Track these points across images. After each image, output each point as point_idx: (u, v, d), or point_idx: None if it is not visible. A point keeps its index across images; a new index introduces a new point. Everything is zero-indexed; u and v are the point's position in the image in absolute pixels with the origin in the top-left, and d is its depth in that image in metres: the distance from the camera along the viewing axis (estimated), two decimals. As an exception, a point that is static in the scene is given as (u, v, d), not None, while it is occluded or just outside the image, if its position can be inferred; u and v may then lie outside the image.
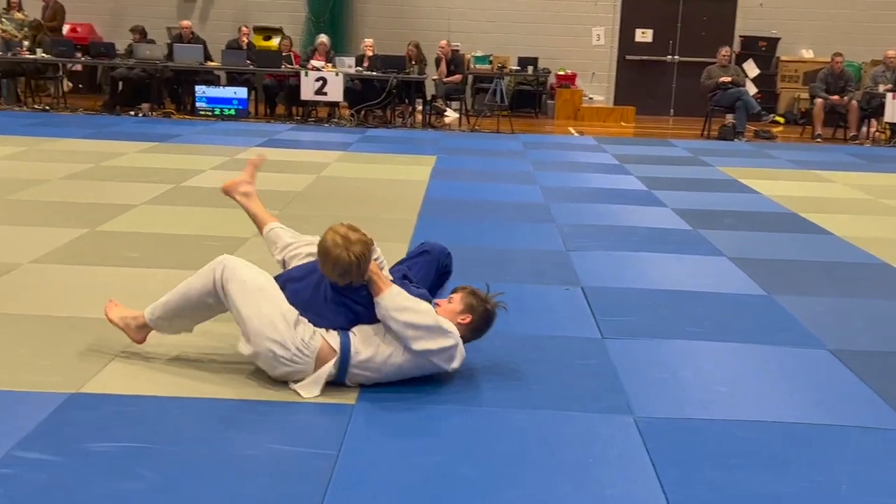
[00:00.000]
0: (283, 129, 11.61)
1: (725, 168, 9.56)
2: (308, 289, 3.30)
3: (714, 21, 15.58)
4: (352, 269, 3.18)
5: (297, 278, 3.37)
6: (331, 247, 3.18)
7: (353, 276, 3.21)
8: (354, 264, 3.17)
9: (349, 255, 3.16)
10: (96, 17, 15.14)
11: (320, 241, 3.24)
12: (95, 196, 6.68)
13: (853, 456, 2.91)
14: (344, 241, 3.18)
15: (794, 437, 3.03)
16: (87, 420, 2.93)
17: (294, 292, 3.29)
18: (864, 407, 3.32)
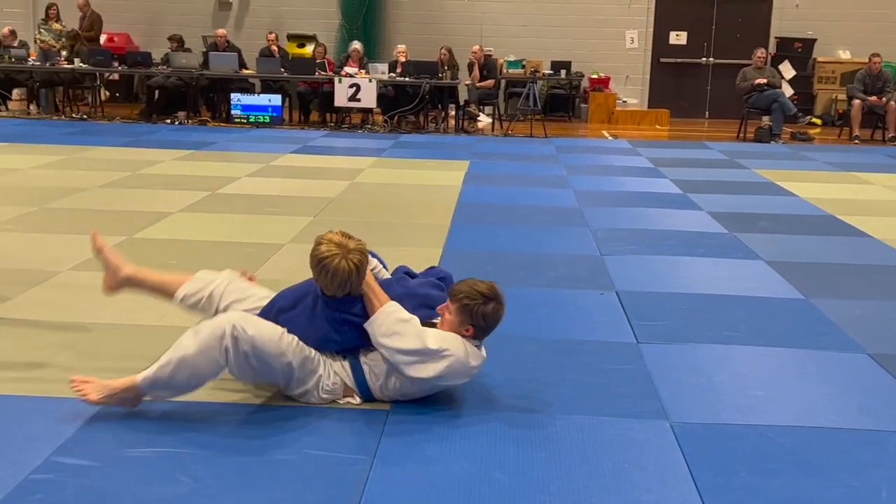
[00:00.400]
0: (317, 136, 11.68)
1: (762, 171, 9.47)
2: (304, 315, 3.15)
3: (749, 22, 15.44)
4: (351, 277, 3.07)
5: (287, 308, 3.19)
6: (328, 257, 3.06)
7: (353, 285, 3.09)
8: (353, 272, 3.06)
9: (348, 264, 3.05)
10: (133, 27, 15.34)
11: (314, 253, 3.10)
12: (133, 204, 6.76)
13: (893, 461, 2.86)
14: (341, 250, 3.06)
15: (833, 442, 3.00)
16: (125, 426, 2.96)
17: (289, 322, 3.12)
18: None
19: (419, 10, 15.34)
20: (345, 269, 3.05)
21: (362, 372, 3.13)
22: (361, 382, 3.13)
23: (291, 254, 5.37)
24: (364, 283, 3.11)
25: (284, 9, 15.37)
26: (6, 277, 4.66)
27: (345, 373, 3.14)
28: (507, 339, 3.90)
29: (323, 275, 3.09)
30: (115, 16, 14.91)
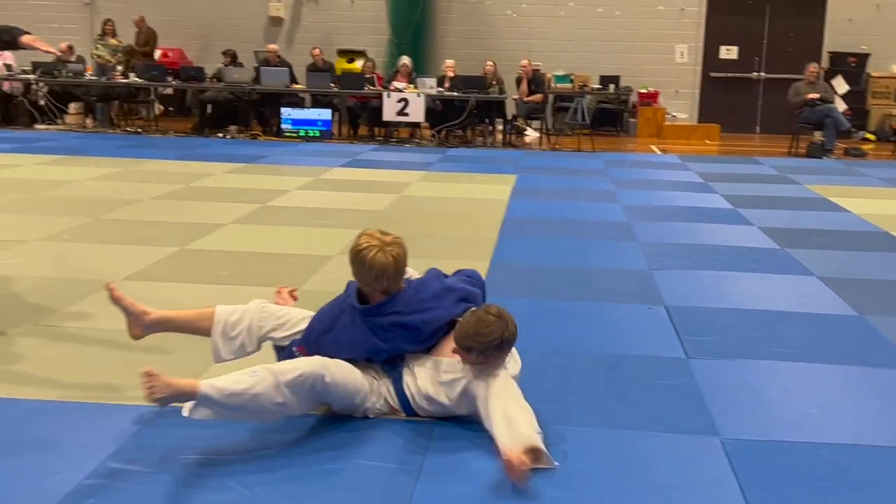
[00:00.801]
0: (366, 150, 11.77)
1: (814, 186, 9.34)
2: (346, 332, 3.13)
3: (801, 37, 15.26)
4: (388, 270, 3.07)
5: (326, 330, 3.16)
6: (365, 248, 3.08)
7: (389, 280, 3.10)
8: (391, 265, 3.07)
9: (386, 257, 3.06)
10: (187, 42, 15.61)
11: (353, 249, 3.12)
12: (185, 215, 6.87)
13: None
14: (380, 244, 3.09)
15: (887, 460, 2.94)
16: (177, 432, 3.00)
17: (333, 343, 3.11)
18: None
19: (467, 26, 15.41)
20: (382, 261, 3.06)
21: (405, 394, 3.12)
22: (405, 402, 3.13)
23: (340, 266, 5.39)
24: None
25: (335, 24, 15.54)
26: (61, 287, 4.76)
27: (390, 396, 3.14)
28: (555, 353, 3.89)
29: (360, 267, 3.10)
30: (170, 31, 15.19)
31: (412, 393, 3.11)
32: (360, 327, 3.12)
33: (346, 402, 3.07)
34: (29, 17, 15.06)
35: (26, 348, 3.83)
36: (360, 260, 3.09)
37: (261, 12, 15.69)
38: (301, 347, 3.17)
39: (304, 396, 2.93)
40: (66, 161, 9.70)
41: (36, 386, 3.40)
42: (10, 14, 14.35)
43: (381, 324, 3.11)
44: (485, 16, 15.41)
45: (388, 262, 3.07)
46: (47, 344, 3.89)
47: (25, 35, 3.75)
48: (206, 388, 2.83)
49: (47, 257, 5.45)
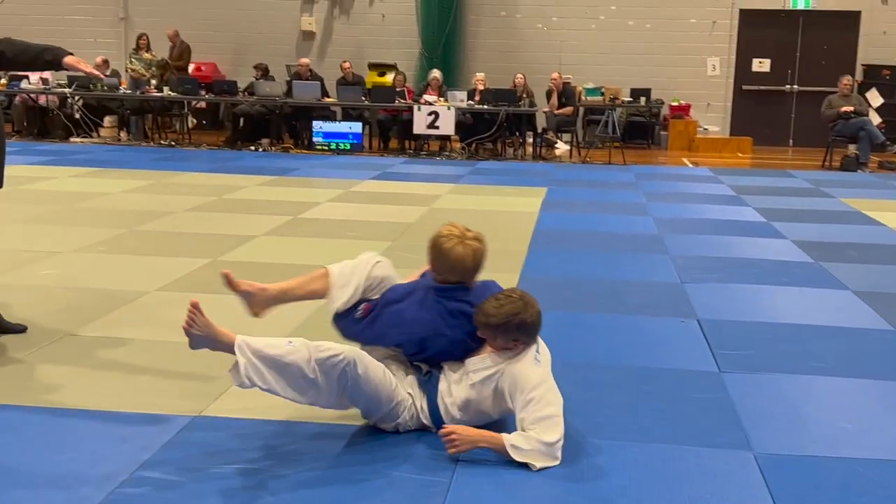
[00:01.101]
0: (396, 163, 11.81)
1: (848, 199, 9.24)
2: (412, 307, 3.15)
3: (835, 50, 15.13)
4: (465, 262, 3.12)
5: (395, 300, 3.20)
6: (444, 236, 3.16)
7: (465, 272, 3.15)
8: (468, 258, 3.13)
9: (464, 249, 3.12)
10: (220, 56, 15.77)
11: (433, 237, 3.19)
12: (218, 227, 6.92)
13: None
14: (460, 236, 3.15)
15: None
16: (209, 442, 3.02)
17: (396, 315, 3.14)
18: None
19: (498, 39, 15.44)
20: (459, 252, 3.12)
21: (438, 409, 3.11)
22: (437, 418, 3.11)
23: (371, 278, 5.42)
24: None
25: (366, 38, 15.63)
26: (97, 297, 4.81)
27: (423, 413, 3.12)
28: (587, 366, 3.88)
29: (437, 255, 3.16)
30: (204, 45, 15.34)
31: (447, 404, 3.09)
32: (428, 306, 3.15)
33: (372, 405, 3.04)
34: (65, 31, 15.33)
35: (61, 358, 3.87)
36: (438, 248, 3.16)
37: (293, 27, 15.83)
38: (367, 305, 3.18)
39: (333, 383, 2.92)
40: (101, 173, 9.82)
41: (70, 395, 3.44)
42: (46, 28, 14.63)
43: (450, 308, 3.14)
44: (515, 29, 15.44)
45: (465, 254, 3.13)
46: (82, 354, 3.92)
47: (69, 56, 3.82)
48: (241, 342, 2.92)
49: (82, 268, 5.52)
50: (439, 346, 3.15)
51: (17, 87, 13.43)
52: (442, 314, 3.14)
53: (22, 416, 3.22)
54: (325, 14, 15.85)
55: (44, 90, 13.30)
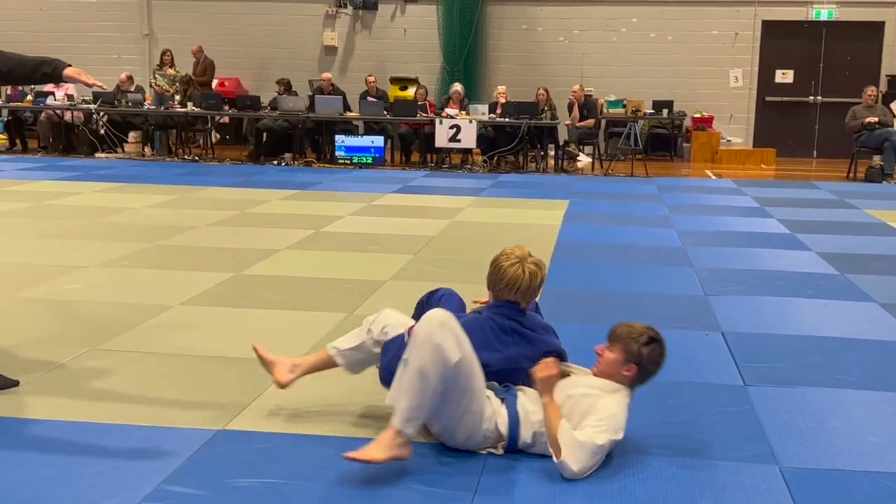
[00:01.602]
0: (418, 176, 11.83)
1: (873, 211, 9.16)
2: (467, 323, 3.13)
3: (859, 60, 15.04)
4: (521, 283, 3.21)
5: (450, 308, 3.26)
6: (504, 255, 3.27)
7: (519, 293, 3.23)
8: (525, 279, 3.21)
9: (522, 271, 3.22)
10: (243, 72, 15.89)
11: (495, 258, 3.30)
12: (241, 241, 6.96)
13: None
14: (520, 258, 3.25)
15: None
16: (232, 456, 3.03)
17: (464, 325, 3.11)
18: None
19: (519, 52, 15.47)
20: (516, 273, 3.22)
21: (518, 424, 3.06)
22: (513, 436, 3.06)
23: (393, 291, 5.43)
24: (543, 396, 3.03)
25: (387, 52, 15.70)
26: (120, 311, 4.84)
27: (503, 421, 3.07)
28: (609, 378, 3.85)
29: (494, 272, 3.27)
30: (227, 61, 15.47)
31: (526, 412, 3.05)
32: (482, 323, 3.22)
33: (462, 407, 2.97)
34: (89, 47, 15.53)
35: (86, 372, 3.89)
36: (496, 265, 3.27)
37: (315, 42, 15.93)
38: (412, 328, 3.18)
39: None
40: (125, 188, 9.90)
41: (94, 409, 3.45)
42: (71, 45, 14.82)
43: (500, 324, 3.22)
44: (536, 42, 15.46)
45: (521, 276, 3.22)
46: (106, 367, 3.95)
47: (68, 68, 3.79)
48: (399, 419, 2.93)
49: (107, 282, 5.56)
50: (495, 361, 3.15)
51: (43, 102, 13.59)
52: (493, 329, 3.21)
53: (46, 430, 3.24)
54: (346, 29, 15.94)
55: (69, 106, 13.45)
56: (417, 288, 5.49)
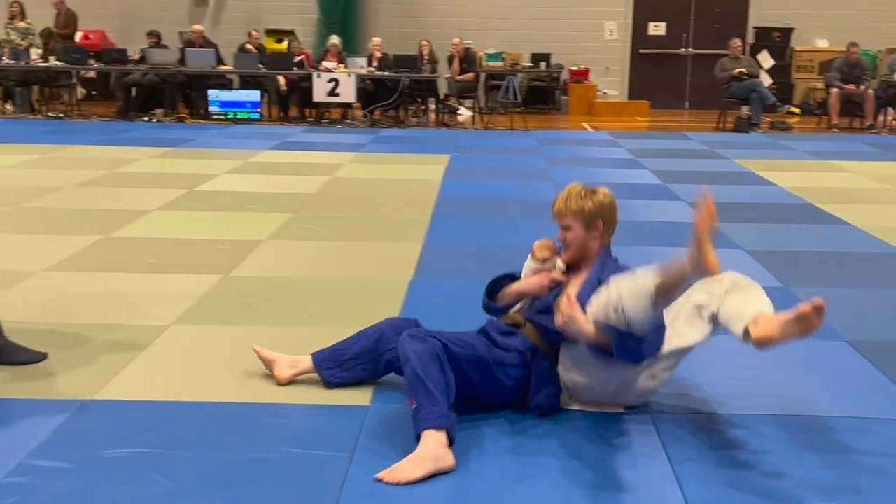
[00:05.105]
0: (296, 132, 11.62)
1: (742, 160, 9.49)
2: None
3: (727, 12, 15.48)
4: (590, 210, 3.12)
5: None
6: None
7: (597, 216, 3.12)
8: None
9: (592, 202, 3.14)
10: (108, 24, 15.21)
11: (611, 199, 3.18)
12: (110, 202, 6.70)
13: (874, 447, 2.86)
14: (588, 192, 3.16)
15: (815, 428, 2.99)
16: (100, 426, 2.93)
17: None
18: (883, 398, 3.28)
19: (398, 4, 15.30)
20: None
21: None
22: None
23: (270, 250, 5.33)
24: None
25: (262, 4, 15.28)
26: (-20, 279, 4.60)
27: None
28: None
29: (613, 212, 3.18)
30: (91, 13, 14.76)
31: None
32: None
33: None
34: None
35: (-59, 344, 3.68)
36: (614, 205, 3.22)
37: (186, -8, 15.37)
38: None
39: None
40: (-15, 148, 9.39)
41: (-49, 383, 3.28)
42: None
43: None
44: (416, -6, 15.32)
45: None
46: (-36, 339, 3.74)
47: None
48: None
49: (-36, 249, 5.27)
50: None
51: None
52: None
53: None
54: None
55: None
56: (296, 247, 5.43)
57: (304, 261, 5.14)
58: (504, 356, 3.01)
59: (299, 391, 3.20)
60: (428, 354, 2.80)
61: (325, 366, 3.23)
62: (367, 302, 4.33)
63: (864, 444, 2.89)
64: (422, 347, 2.82)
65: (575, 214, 3.11)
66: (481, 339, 3.03)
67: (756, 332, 2.76)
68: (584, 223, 3.11)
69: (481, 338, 3.05)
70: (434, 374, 2.77)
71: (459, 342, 2.93)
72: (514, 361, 3.02)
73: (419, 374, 2.77)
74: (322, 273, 4.89)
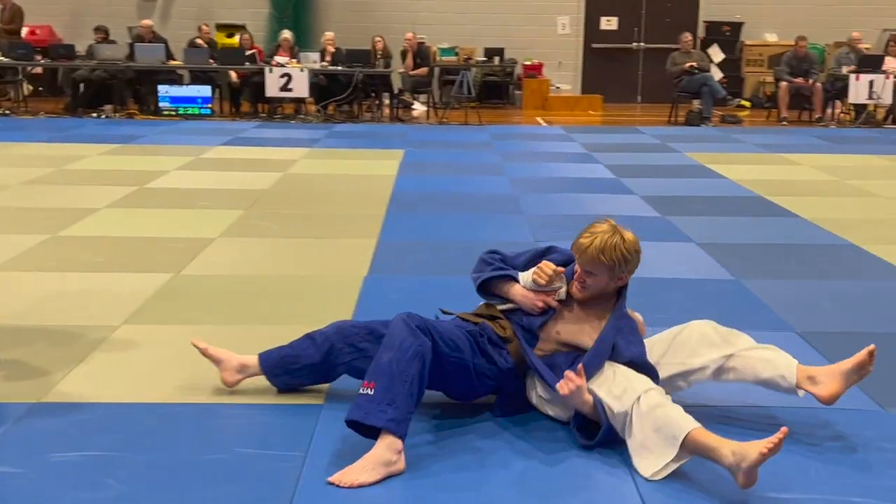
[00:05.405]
0: (249, 127, 11.51)
1: (693, 154, 9.59)
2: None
3: (678, 7, 15.63)
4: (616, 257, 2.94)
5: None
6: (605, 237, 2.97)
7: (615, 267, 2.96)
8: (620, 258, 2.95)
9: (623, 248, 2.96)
10: (55, 19, 14.94)
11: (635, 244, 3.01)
12: (57, 201, 6.58)
13: (827, 435, 2.91)
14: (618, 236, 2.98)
15: (766, 420, 3.03)
16: (50, 429, 2.87)
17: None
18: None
19: (351, -1, 15.23)
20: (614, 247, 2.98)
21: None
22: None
23: (222, 248, 5.28)
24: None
25: (212, -2, 15.12)
26: (-77, 280, 4.49)
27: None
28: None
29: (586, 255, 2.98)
30: (37, 8, 14.47)
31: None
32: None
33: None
34: None
35: None
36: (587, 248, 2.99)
37: (134, -13, 15.14)
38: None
39: None
40: (-73, 146, 9.18)
41: None
42: None
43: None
44: (368, -12, 15.25)
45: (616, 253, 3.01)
46: None
47: None
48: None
49: None
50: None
51: None
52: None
53: None
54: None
55: None
56: (249, 244, 5.38)
57: (257, 258, 5.09)
58: (484, 366, 2.98)
59: (252, 391, 3.16)
60: (413, 353, 2.72)
61: (274, 373, 3.11)
62: (320, 299, 4.30)
63: (813, 434, 2.93)
64: (410, 342, 2.73)
65: (605, 266, 2.95)
66: (469, 342, 2.98)
67: (823, 392, 2.89)
68: (612, 275, 2.99)
69: (469, 340, 2.99)
70: (409, 375, 2.69)
71: (450, 342, 2.89)
72: (492, 374, 2.99)
73: (394, 368, 2.68)
74: (275, 270, 4.84)
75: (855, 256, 5.34)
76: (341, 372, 3.07)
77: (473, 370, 2.94)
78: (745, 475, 2.48)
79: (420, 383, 2.71)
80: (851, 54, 13.04)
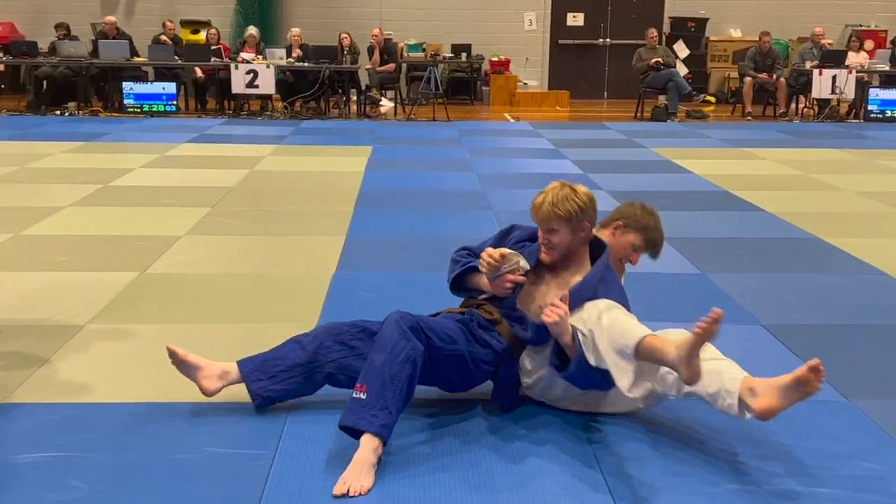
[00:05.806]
0: (215, 124, 11.43)
1: (659, 149, 9.66)
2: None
3: (643, 3, 15.73)
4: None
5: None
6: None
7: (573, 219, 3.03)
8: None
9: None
10: (17, 16, 14.73)
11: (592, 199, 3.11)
12: (20, 199, 6.49)
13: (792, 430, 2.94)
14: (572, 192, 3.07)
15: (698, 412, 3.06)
16: (13, 431, 2.84)
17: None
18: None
19: (317, -6, 15.16)
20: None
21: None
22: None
23: (188, 246, 5.23)
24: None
25: (177, -6, 14.97)
26: None
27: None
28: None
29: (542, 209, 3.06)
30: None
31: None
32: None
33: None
34: None
35: None
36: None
37: (97, -18, 14.97)
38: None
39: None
40: None
41: None
42: None
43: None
44: (334, -16, 15.19)
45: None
46: None
47: None
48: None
49: None
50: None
51: None
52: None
53: None
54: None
55: None
56: (216, 242, 5.34)
57: (223, 256, 5.06)
58: (480, 352, 2.98)
59: (221, 392, 3.14)
60: (405, 356, 2.71)
61: (254, 377, 2.96)
62: (289, 297, 4.28)
63: (776, 428, 2.95)
64: (402, 346, 2.72)
65: (562, 219, 3.01)
66: (462, 332, 2.99)
67: (758, 405, 2.60)
68: (571, 227, 3.03)
69: (462, 329, 3.00)
70: (401, 379, 2.68)
71: (444, 336, 2.89)
72: (489, 358, 3.00)
73: (386, 372, 2.67)
74: (242, 268, 4.81)
75: (819, 249, 5.40)
76: (328, 371, 2.96)
77: (470, 358, 2.96)
78: (688, 366, 2.52)
79: (410, 387, 2.72)
80: (815, 50, 13.19)
